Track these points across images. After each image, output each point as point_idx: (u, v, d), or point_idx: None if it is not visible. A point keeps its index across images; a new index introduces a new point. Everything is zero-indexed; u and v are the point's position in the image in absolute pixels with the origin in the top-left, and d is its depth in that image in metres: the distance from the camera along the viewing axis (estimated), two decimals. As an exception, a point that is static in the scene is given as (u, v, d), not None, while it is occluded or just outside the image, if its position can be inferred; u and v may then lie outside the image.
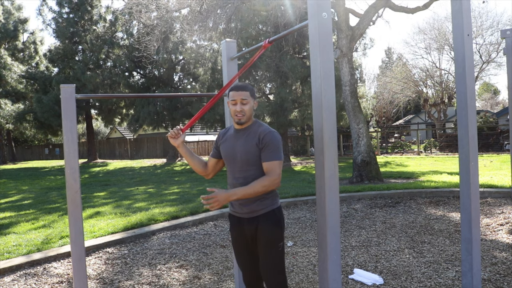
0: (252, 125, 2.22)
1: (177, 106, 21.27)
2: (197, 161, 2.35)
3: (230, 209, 2.34)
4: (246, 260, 2.31)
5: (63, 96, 2.28)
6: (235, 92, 2.16)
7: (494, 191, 6.75)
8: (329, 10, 1.85)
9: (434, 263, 3.74)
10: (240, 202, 2.20)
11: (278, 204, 2.25)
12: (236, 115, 2.16)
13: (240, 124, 2.20)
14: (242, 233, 2.27)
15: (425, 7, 10.31)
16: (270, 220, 2.19)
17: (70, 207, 2.31)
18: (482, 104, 47.60)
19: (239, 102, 2.15)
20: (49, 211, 7.41)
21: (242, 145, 2.18)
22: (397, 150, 24.86)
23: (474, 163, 2.17)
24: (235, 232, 2.30)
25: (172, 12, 13.62)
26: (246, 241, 2.28)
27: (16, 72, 26.21)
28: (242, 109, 2.14)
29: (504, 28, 6.08)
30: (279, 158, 2.10)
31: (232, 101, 2.17)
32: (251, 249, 2.28)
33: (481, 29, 26.65)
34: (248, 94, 2.17)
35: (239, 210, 2.23)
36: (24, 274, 3.95)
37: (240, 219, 2.25)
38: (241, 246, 2.30)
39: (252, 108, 2.19)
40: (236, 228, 2.29)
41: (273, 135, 2.13)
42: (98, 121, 33.93)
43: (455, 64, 2.20)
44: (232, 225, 2.31)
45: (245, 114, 2.16)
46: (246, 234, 2.25)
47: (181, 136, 2.24)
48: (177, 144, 2.24)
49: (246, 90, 2.17)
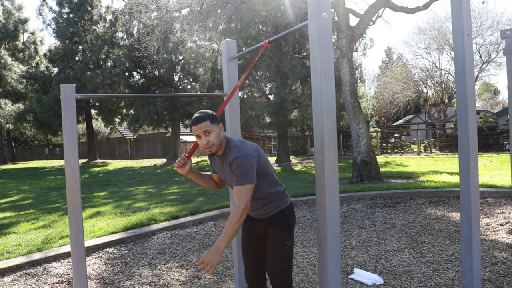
0: (225, 152, 2.16)
1: (177, 106, 21.27)
2: (207, 180, 2.37)
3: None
4: (251, 257, 2.35)
5: (63, 96, 2.28)
6: (195, 127, 2.09)
7: (494, 191, 6.75)
8: (329, 10, 1.85)
9: (434, 263, 3.74)
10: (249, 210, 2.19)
11: (287, 203, 2.30)
12: (206, 148, 2.11)
13: (213, 155, 2.20)
14: (252, 231, 2.34)
15: (425, 7, 10.31)
16: (279, 221, 2.24)
17: (70, 207, 2.31)
18: (482, 104, 47.59)
19: (202, 135, 2.09)
20: (49, 211, 7.42)
21: (224, 172, 2.23)
22: (397, 150, 24.86)
23: (474, 163, 2.17)
24: (245, 226, 2.36)
25: (172, 12, 13.62)
26: (255, 238, 2.34)
27: (16, 72, 26.22)
28: (208, 141, 2.09)
29: (504, 28, 6.08)
30: (246, 182, 2.01)
31: (196, 136, 2.12)
32: (258, 247, 2.33)
33: (481, 29, 26.65)
34: (208, 123, 2.09)
35: (250, 213, 2.30)
36: (24, 274, 3.95)
37: (251, 218, 2.33)
38: (249, 243, 2.36)
39: (218, 134, 2.12)
40: (246, 225, 2.36)
41: (241, 159, 2.04)
42: (98, 121, 33.94)
43: (455, 64, 2.21)
44: (243, 222, 2.32)
45: (214, 144, 2.10)
46: (256, 232, 2.32)
47: (188, 164, 2.20)
48: (185, 172, 2.19)
49: (204, 120, 2.09)
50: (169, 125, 23.92)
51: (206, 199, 7.76)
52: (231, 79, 2.84)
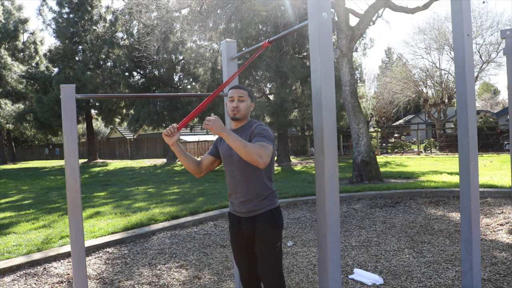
0: (246, 125, 2.29)
1: (177, 106, 21.27)
2: (190, 160, 2.33)
3: (230, 208, 2.37)
4: (244, 260, 2.32)
5: (63, 96, 2.28)
6: (234, 90, 2.27)
7: (494, 191, 6.75)
8: (329, 10, 1.85)
9: (434, 263, 3.74)
10: (240, 200, 2.22)
11: (276, 204, 2.26)
12: (232, 111, 2.24)
13: (235, 120, 2.26)
14: (240, 232, 2.29)
15: (425, 7, 10.31)
16: (268, 221, 2.20)
17: (70, 207, 2.31)
18: (482, 104, 47.60)
19: (236, 99, 2.24)
20: (49, 211, 7.42)
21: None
22: (397, 150, 24.85)
23: (474, 163, 2.17)
24: (233, 232, 2.32)
25: (172, 12, 13.62)
26: (244, 241, 2.29)
27: (16, 72, 26.22)
28: (238, 106, 2.24)
29: (504, 28, 6.08)
30: (270, 143, 2.04)
31: (230, 98, 2.27)
32: (249, 249, 2.30)
33: (481, 29, 26.64)
34: (246, 93, 2.28)
35: (238, 210, 2.26)
36: (24, 274, 3.95)
37: (239, 218, 2.28)
38: (239, 246, 2.32)
39: (248, 107, 2.27)
40: (235, 227, 2.31)
41: (266, 127, 2.17)
42: (98, 121, 33.93)
43: (455, 64, 2.21)
44: (231, 224, 2.34)
45: (240, 111, 2.24)
46: (244, 234, 2.27)
47: (176, 135, 2.19)
48: (171, 142, 2.16)
49: (244, 89, 2.28)
50: (169, 125, 23.91)
51: (206, 199, 7.76)
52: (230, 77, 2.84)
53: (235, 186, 2.24)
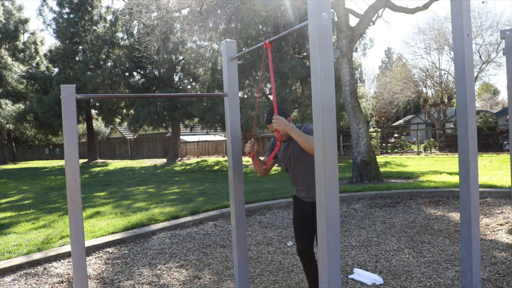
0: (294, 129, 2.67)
1: (177, 106, 21.27)
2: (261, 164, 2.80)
3: (296, 193, 2.92)
4: (302, 229, 2.86)
5: (64, 96, 2.28)
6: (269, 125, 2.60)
7: (493, 191, 6.75)
8: (329, 10, 1.86)
9: (434, 263, 3.74)
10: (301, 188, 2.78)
11: None
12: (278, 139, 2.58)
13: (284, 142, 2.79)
14: (303, 211, 2.84)
15: (424, 7, 10.32)
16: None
17: (70, 207, 2.32)
18: (481, 104, 47.62)
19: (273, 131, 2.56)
20: (50, 211, 7.42)
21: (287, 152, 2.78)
22: (396, 150, 24.86)
23: (473, 163, 2.17)
24: (298, 210, 2.88)
25: (172, 13, 13.61)
26: (306, 217, 2.82)
27: (16, 72, 26.23)
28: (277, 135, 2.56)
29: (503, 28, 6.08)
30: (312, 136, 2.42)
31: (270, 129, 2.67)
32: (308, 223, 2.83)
33: (481, 29, 26.65)
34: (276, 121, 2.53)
35: (303, 196, 2.81)
36: (24, 274, 3.96)
37: (303, 202, 2.83)
38: (301, 220, 2.86)
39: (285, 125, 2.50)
40: (299, 206, 2.88)
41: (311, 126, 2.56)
42: (99, 121, 33.93)
43: (455, 64, 2.21)
44: (296, 204, 2.91)
45: (283, 136, 2.70)
46: (306, 213, 2.81)
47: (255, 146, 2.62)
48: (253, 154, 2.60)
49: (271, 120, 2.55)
50: (169, 125, 23.91)
51: (206, 199, 7.76)
52: (231, 79, 2.84)
53: (295, 178, 2.79)
